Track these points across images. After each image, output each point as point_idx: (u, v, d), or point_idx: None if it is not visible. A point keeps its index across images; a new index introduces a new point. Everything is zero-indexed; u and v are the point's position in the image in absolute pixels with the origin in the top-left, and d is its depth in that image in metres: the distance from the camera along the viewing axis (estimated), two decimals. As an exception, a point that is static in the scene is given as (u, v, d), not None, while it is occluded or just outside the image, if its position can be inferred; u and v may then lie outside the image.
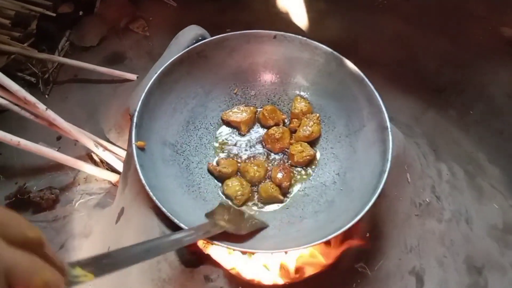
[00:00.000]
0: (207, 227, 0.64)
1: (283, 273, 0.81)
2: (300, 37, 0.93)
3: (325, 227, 0.74)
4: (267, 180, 0.87)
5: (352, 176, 0.85)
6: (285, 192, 0.85)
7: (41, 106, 0.99)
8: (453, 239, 0.95)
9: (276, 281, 0.77)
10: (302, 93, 0.97)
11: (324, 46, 0.91)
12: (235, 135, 0.94)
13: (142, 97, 0.82)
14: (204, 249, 0.72)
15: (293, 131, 0.94)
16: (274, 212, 0.84)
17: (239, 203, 0.82)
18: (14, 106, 1.00)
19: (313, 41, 0.92)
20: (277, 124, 0.94)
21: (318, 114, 0.94)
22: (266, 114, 0.94)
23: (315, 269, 0.82)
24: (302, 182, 0.88)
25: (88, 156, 1.08)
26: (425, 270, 0.91)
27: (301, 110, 0.94)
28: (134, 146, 0.77)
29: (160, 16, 1.43)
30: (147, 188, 0.71)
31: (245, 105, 0.97)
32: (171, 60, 0.88)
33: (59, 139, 1.14)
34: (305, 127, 0.92)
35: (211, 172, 0.88)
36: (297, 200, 0.86)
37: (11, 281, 0.29)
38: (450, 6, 1.51)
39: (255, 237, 0.74)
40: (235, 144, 0.93)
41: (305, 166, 0.90)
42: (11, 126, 1.08)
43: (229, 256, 0.75)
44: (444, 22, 1.47)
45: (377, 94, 0.85)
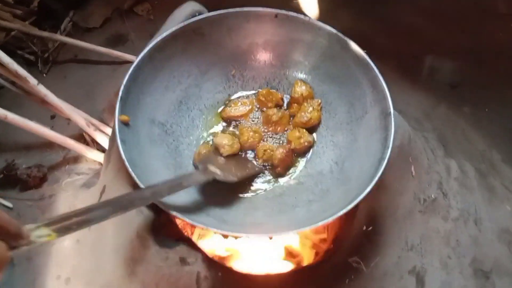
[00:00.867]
0: (196, 176, 0.61)
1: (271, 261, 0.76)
2: (303, 17, 0.87)
3: (317, 217, 0.69)
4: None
5: (351, 165, 0.80)
6: (279, 174, 0.80)
7: (32, 81, 0.96)
8: (460, 240, 0.88)
9: (260, 270, 0.72)
10: (303, 77, 0.91)
11: (328, 27, 0.86)
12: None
13: (130, 71, 0.78)
14: (184, 230, 0.67)
15: (293, 116, 0.89)
16: (266, 199, 0.79)
17: (224, 154, 0.78)
18: (5, 82, 0.97)
19: (317, 21, 0.87)
20: (278, 105, 0.89)
21: (320, 100, 0.88)
22: (263, 99, 0.89)
23: (304, 260, 0.76)
24: (298, 170, 0.82)
25: (80, 136, 1.04)
26: (427, 271, 0.84)
27: (302, 95, 0.88)
28: (117, 120, 0.73)
29: (166, 0, 1.39)
30: (126, 164, 0.66)
31: (244, 97, 0.92)
32: (164, 36, 0.83)
33: (53, 118, 1.11)
34: (304, 113, 0.87)
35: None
36: (291, 188, 0.81)
37: None
38: (470, 2, 1.43)
39: (243, 223, 0.70)
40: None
41: (303, 153, 0.85)
42: (5, 104, 1.05)
43: (210, 241, 0.70)
44: (463, 17, 1.40)
45: (382, 79, 0.79)
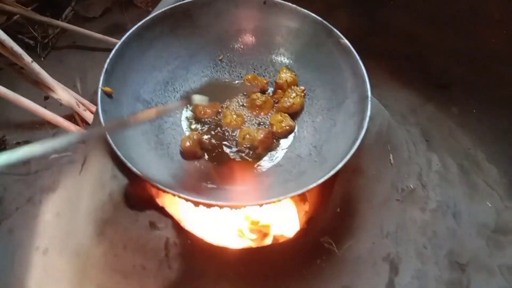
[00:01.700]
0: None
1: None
2: (290, 4, 0.90)
3: (289, 192, 0.70)
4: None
5: (328, 148, 0.81)
6: (259, 155, 0.82)
7: (27, 58, 0.99)
8: (436, 231, 0.88)
9: (231, 243, 0.72)
10: (289, 65, 0.93)
11: (314, 15, 0.88)
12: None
13: (117, 46, 0.80)
14: (156, 196, 0.68)
15: (277, 102, 0.91)
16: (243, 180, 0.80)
17: (199, 115, 0.82)
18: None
19: (303, 9, 0.89)
20: (263, 91, 0.91)
21: (304, 87, 0.90)
22: (249, 83, 0.91)
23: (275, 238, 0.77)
24: (278, 154, 0.84)
25: (70, 117, 1.06)
26: (401, 259, 0.84)
27: (286, 81, 0.90)
28: (100, 90, 0.75)
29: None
30: (101, 119, 0.68)
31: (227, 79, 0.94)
32: (153, 15, 0.86)
33: (46, 99, 1.14)
34: (287, 98, 0.88)
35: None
36: (270, 171, 0.82)
37: None
38: (465, 8, 1.45)
39: (217, 197, 0.71)
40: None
41: (283, 137, 0.86)
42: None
43: (181, 210, 0.71)
44: (458, 23, 1.42)
45: (362, 65, 0.80)
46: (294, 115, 0.88)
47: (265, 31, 0.93)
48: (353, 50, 0.82)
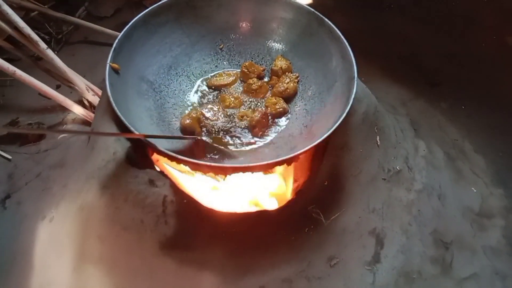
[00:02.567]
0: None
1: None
2: (287, -3, 0.97)
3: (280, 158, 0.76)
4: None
5: (317, 127, 0.86)
6: (256, 134, 0.87)
7: (42, 45, 1.07)
8: (422, 210, 0.92)
9: (225, 208, 0.77)
10: (284, 53, 1.00)
11: (307, 6, 0.95)
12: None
13: (125, 29, 0.88)
14: (155, 162, 0.74)
15: (272, 88, 0.97)
16: (239, 153, 0.86)
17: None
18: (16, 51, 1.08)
19: (297, 1, 0.97)
20: (260, 77, 0.98)
21: (298, 74, 0.96)
22: (246, 70, 0.97)
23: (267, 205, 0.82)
24: (272, 134, 0.89)
25: (80, 102, 1.13)
26: (387, 234, 0.88)
27: (281, 68, 0.96)
28: (108, 65, 0.81)
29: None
30: (112, 101, 0.74)
31: (229, 70, 1.00)
32: (160, 3, 0.94)
33: (58, 87, 1.21)
34: (281, 84, 0.95)
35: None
36: (263, 148, 0.88)
37: None
38: (458, 14, 1.52)
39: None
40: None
41: (277, 118, 0.92)
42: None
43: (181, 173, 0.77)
44: (450, 27, 1.49)
45: (350, 50, 0.87)
46: (288, 100, 0.94)
47: (263, 22, 1.01)
48: (342, 37, 0.89)
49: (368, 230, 0.87)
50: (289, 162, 0.76)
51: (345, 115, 0.77)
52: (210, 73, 0.99)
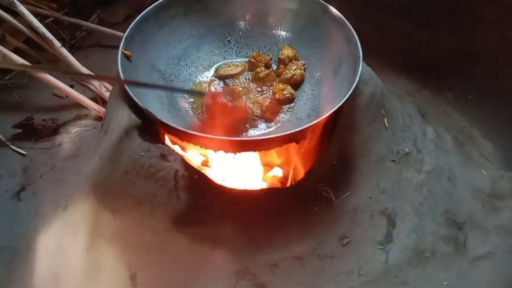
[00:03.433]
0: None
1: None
2: (290, -13, 1.01)
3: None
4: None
5: (325, 109, 0.88)
6: (268, 119, 0.90)
7: (57, 43, 1.12)
8: (432, 191, 0.92)
9: (235, 185, 0.78)
10: (290, 43, 1.02)
11: (311, -4, 0.99)
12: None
13: (136, 19, 0.91)
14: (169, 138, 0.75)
15: (279, 77, 0.99)
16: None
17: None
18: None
19: None
20: (267, 66, 1.00)
21: (304, 62, 0.99)
22: (253, 60, 1.00)
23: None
24: (281, 118, 0.91)
25: (93, 99, 1.16)
26: (398, 214, 0.88)
27: (287, 56, 0.99)
28: (120, 52, 0.85)
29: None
30: (121, 76, 0.77)
31: (238, 61, 1.03)
32: (170, -3, 0.98)
33: (72, 87, 1.24)
34: (288, 71, 0.97)
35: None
36: (273, 130, 0.90)
37: None
38: (461, 12, 1.55)
39: None
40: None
41: (286, 104, 0.94)
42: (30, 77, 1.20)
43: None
44: (453, 25, 1.51)
45: (355, 33, 0.89)
46: (296, 86, 0.96)
47: (268, 14, 1.04)
48: (346, 21, 0.91)
49: (379, 210, 0.87)
50: (297, 137, 0.77)
51: (352, 91, 0.78)
52: (219, 64, 1.02)
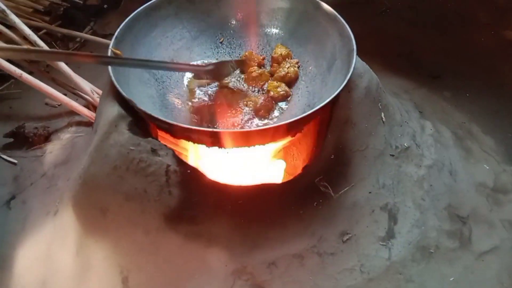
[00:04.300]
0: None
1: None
2: (281, -14, 1.00)
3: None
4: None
5: (320, 102, 0.86)
6: (262, 116, 0.88)
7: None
8: (434, 186, 0.89)
9: (228, 180, 0.76)
10: (283, 42, 1.01)
11: (303, -7, 0.98)
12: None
13: (126, 20, 0.91)
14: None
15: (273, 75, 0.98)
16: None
17: None
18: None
19: None
20: (260, 66, 0.99)
21: (298, 59, 0.97)
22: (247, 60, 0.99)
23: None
24: (276, 114, 0.89)
25: (85, 106, 1.15)
26: (399, 209, 0.85)
27: (281, 54, 0.97)
28: (110, 51, 0.83)
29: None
30: (111, 74, 0.76)
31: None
32: (159, -2, 0.97)
33: (65, 96, 1.23)
34: (282, 69, 0.95)
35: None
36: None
37: None
38: (454, 14, 1.55)
39: None
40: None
41: (280, 102, 0.92)
42: (24, 86, 1.18)
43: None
44: (447, 27, 1.51)
45: (348, 26, 0.89)
46: (290, 84, 0.95)
47: (261, 14, 1.03)
48: (339, 16, 0.91)
49: (380, 206, 0.84)
50: (291, 129, 0.75)
51: (347, 81, 0.77)
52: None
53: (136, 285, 0.72)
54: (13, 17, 1.10)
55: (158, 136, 0.81)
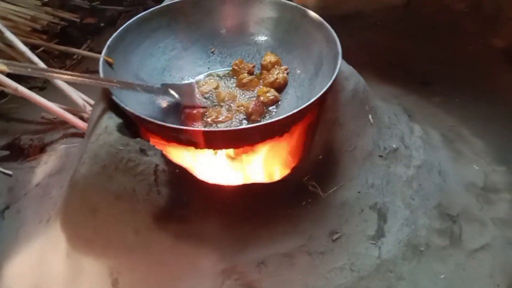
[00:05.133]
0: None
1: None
2: (270, -3, 1.04)
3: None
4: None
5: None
6: (255, 121, 0.89)
7: (42, 66, 1.13)
8: (423, 185, 0.90)
9: (217, 180, 0.77)
10: (272, 49, 1.04)
11: (290, 2, 1.01)
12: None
13: (119, 30, 0.93)
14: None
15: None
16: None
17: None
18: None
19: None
20: (250, 73, 1.01)
21: (287, 66, 1.00)
22: (237, 68, 1.01)
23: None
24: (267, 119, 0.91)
25: (79, 117, 1.17)
26: (389, 208, 0.86)
27: (270, 61, 1.00)
28: (102, 58, 0.86)
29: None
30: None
31: (221, 70, 1.04)
32: (152, 9, 1.00)
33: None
34: (271, 75, 0.98)
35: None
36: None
37: None
38: (442, 25, 1.59)
39: None
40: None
41: (270, 106, 0.94)
42: (18, 99, 1.21)
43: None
44: (436, 38, 1.55)
45: (333, 32, 0.91)
46: (279, 90, 0.97)
47: (250, 24, 1.06)
48: (325, 22, 0.93)
49: (369, 205, 0.85)
50: (278, 128, 0.76)
51: (332, 83, 0.79)
52: (203, 74, 1.03)
53: (126, 287, 0.72)
54: (9, 34, 1.13)
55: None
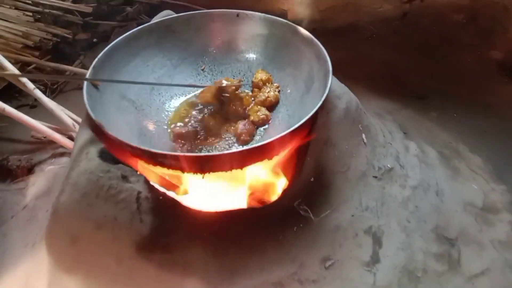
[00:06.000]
0: None
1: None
2: (260, 13, 1.02)
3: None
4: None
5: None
6: (244, 141, 0.87)
7: (30, 86, 1.12)
8: (419, 206, 0.87)
9: (203, 207, 0.74)
10: (263, 67, 1.02)
11: (281, 19, 0.99)
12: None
13: (106, 49, 0.91)
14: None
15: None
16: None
17: None
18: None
19: (271, 16, 1.01)
20: (236, 89, 0.99)
21: (278, 84, 0.98)
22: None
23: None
24: (257, 138, 0.89)
25: (68, 137, 1.14)
26: (384, 232, 0.82)
27: (261, 79, 0.98)
28: (85, 83, 0.83)
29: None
30: (86, 102, 0.75)
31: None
32: (140, 27, 0.98)
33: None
34: (262, 93, 0.96)
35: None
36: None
37: None
38: (438, 38, 1.57)
39: None
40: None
41: (261, 126, 0.92)
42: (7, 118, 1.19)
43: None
44: (432, 50, 1.53)
45: (324, 49, 0.89)
46: (271, 108, 0.95)
47: (241, 41, 1.04)
48: (315, 39, 0.91)
49: (364, 229, 0.82)
50: (266, 152, 0.74)
51: (322, 102, 0.76)
52: (193, 92, 1.01)
53: (109, 319, 0.69)
54: (-4, 55, 1.12)
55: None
